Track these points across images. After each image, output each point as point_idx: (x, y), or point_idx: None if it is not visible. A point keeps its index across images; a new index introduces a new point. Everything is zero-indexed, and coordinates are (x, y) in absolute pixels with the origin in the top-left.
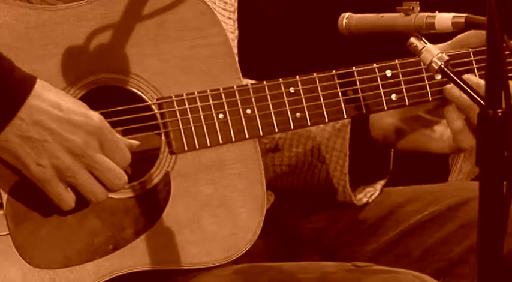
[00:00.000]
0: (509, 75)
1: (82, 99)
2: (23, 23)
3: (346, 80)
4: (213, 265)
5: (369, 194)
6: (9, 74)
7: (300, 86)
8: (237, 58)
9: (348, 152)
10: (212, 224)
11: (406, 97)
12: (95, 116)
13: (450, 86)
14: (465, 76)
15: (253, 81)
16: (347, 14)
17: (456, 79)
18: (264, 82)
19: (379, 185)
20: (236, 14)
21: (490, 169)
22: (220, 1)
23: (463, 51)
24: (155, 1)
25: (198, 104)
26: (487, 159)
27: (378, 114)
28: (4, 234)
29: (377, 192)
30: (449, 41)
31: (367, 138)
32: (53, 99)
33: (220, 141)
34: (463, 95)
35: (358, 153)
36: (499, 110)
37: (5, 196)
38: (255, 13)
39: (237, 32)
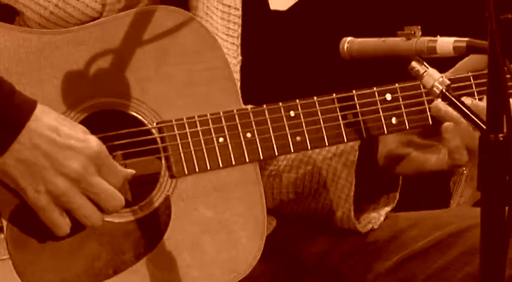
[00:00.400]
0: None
1: (82, 123)
2: (23, 47)
3: (346, 103)
4: None
5: (373, 220)
6: (10, 99)
7: (300, 110)
8: (239, 83)
9: (354, 180)
10: (212, 248)
11: (406, 121)
12: (93, 141)
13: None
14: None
15: (253, 106)
16: (349, 39)
17: (458, 103)
18: (264, 106)
19: (384, 211)
20: (239, 39)
21: (491, 194)
22: (223, 26)
23: (462, 75)
24: (155, 26)
25: (198, 127)
26: (489, 184)
27: (380, 138)
28: (4, 258)
29: (382, 218)
30: (452, 69)
31: (374, 165)
32: (52, 124)
33: (221, 165)
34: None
35: (363, 178)
36: (501, 135)
37: (5, 220)
38: (257, 38)
39: (239, 57)
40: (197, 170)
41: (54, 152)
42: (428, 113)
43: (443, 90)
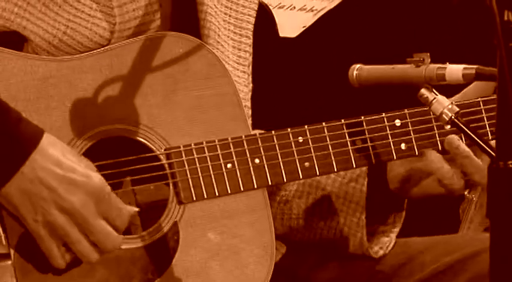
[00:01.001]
0: None
1: (90, 149)
2: (30, 74)
3: (355, 129)
4: None
5: (385, 245)
6: (16, 127)
7: (308, 136)
8: (250, 111)
9: (365, 204)
10: (221, 274)
11: (415, 146)
12: (96, 177)
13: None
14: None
15: (262, 131)
16: (358, 66)
17: (467, 130)
18: (273, 132)
19: (394, 233)
20: (250, 68)
21: (500, 221)
22: (234, 55)
23: (472, 101)
24: (164, 52)
25: (207, 153)
26: (498, 210)
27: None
28: None
29: (393, 242)
30: (460, 94)
31: (384, 188)
32: (56, 156)
33: (229, 191)
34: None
35: (373, 203)
36: (510, 162)
37: (12, 247)
38: (268, 66)
39: (250, 85)
40: (205, 196)
41: (55, 186)
42: (438, 139)
43: (453, 117)
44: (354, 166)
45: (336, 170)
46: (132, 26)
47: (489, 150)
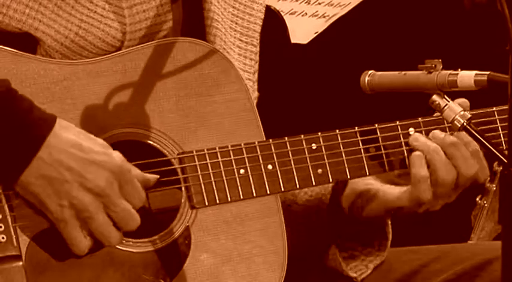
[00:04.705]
0: None
1: None
2: (44, 77)
3: (369, 137)
4: None
5: (359, 272)
6: (29, 114)
7: (322, 143)
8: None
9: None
10: (232, 279)
11: None
12: (116, 155)
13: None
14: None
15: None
16: (370, 72)
17: (479, 137)
18: (286, 138)
19: (372, 264)
20: (256, 75)
21: None
22: (240, 62)
23: (487, 110)
24: (176, 57)
25: (219, 159)
26: (510, 216)
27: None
28: None
29: (369, 271)
30: None
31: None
32: (72, 139)
33: (241, 197)
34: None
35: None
36: None
37: (24, 248)
38: (277, 73)
39: (256, 93)
40: (218, 201)
41: (76, 167)
42: None
43: (465, 123)
44: (368, 173)
45: (349, 177)
46: (143, 27)
47: (501, 156)
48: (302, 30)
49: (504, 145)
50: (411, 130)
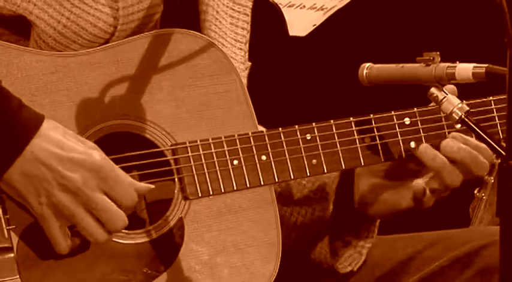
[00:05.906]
0: None
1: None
2: (37, 69)
3: (364, 127)
4: None
5: (354, 262)
6: (17, 113)
7: (316, 133)
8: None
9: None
10: (226, 270)
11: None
12: (96, 154)
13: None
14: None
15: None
16: (368, 64)
17: (477, 129)
18: (280, 129)
19: (365, 249)
20: (247, 45)
21: (510, 219)
22: (231, 31)
23: (484, 99)
24: (171, 49)
25: (213, 150)
26: (508, 209)
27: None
28: (14, 278)
29: (363, 257)
30: None
31: (351, 206)
32: (57, 138)
33: (235, 188)
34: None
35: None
36: None
37: (15, 240)
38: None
39: (247, 63)
40: (211, 192)
41: (55, 165)
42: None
43: (463, 116)
44: (362, 164)
45: (343, 167)
46: (135, 10)
47: (499, 149)
48: (300, 22)
49: (501, 134)
50: (406, 120)
